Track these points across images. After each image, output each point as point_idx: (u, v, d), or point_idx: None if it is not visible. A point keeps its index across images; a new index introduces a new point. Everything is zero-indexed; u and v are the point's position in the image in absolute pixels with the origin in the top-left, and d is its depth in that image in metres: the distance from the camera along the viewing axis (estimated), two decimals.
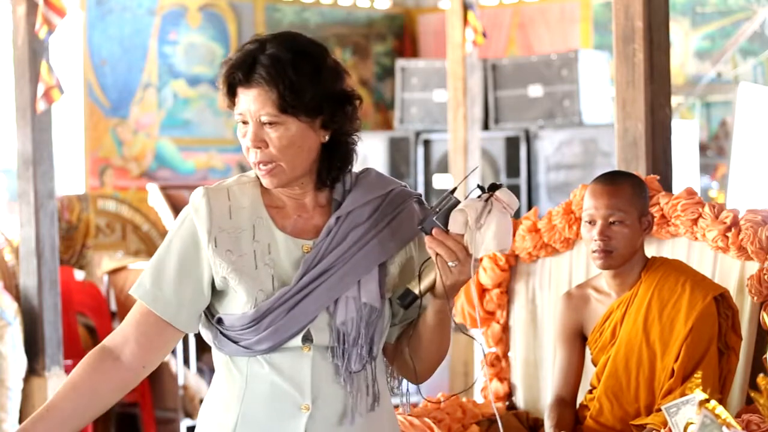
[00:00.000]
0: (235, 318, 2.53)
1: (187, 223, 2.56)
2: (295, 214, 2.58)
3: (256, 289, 2.51)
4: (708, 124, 8.87)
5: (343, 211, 2.56)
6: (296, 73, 2.48)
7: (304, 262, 2.52)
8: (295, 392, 2.53)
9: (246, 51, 2.51)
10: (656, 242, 3.83)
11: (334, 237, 2.54)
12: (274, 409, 2.54)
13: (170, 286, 2.55)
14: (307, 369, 2.54)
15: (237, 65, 2.50)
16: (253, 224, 2.55)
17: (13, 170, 5.83)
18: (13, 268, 5.96)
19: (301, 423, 2.53)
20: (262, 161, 2.51)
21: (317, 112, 2.50)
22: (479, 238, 2.46)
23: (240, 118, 2.52)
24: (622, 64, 4.15)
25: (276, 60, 2.48)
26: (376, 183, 2.62)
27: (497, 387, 4.18)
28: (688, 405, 2.59)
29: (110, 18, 9.13)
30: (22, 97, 5.49)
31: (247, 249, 2.53)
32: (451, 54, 7.59)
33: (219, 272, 2.53)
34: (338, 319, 2.52)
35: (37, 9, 5.32)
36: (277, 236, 2.55)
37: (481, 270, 4.17)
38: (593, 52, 9.07)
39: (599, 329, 3.57)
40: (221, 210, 2.55)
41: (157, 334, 2.58)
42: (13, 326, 5.48)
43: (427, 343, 2.59)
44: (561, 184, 8.64)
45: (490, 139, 8.86)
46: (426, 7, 10.66)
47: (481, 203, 2.46)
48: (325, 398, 2.55)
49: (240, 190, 2.58)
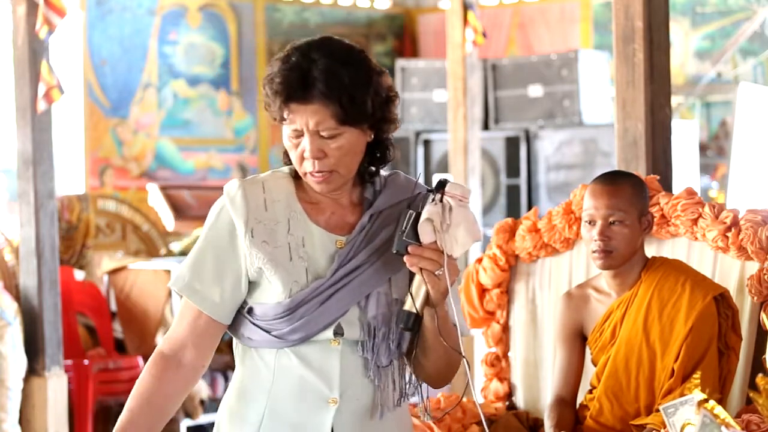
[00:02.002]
0: (268, 307, 2.56)
1: (223, 215, 2.59)
2: (329, 210, 2.62)
3: (291, 281, 2.55)
4: (708, 124, 8.87)
5: (376, 209, 2.62)
6: (351, 87, 2.51)
7: (339, 256, 2.56)
8: (323, 386, 2.56)
9: (295, 64, 2.52)
10: (656, 242, 3.83)
11: (368, 234, 2.59)
12: (302, 403, 2.57)
13: (210, 279, 2.59)
14: (335, 363, 2.57)
15: (291, 81, 2.51)
16: (288, 218, 2.59)
17: (13, 170, 5.84)
18: (13, 268, 5.96)
19: (329, 417, 2.56)
20: (320, 170, 2.55)
21: (371, 119, 2.56)
22: (451, 239, 2.50)
23: (294, 132, 2.54)
24: (622, 64, 4.15)
25: (330, 74, 2.50)
26: (405, 185, 2.68)
27: (497, 387, 4.18)
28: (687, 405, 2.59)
29: (110, 18, 9.13)
30: (22, 97, 5.49)
31: (282, 241, 2.57)
32: (451, 54, 7.59)
33: (255, 263, 2.56)
34: (369, 314, 2.57)
35: (37, 9, 5.33)
36: (312, 230, 2.59)
37: (481, 270, 4.17)
38: (593, 52, 9.07)
39: (599, 329, 3.57)
40: (257, 201, 2.59)
41: (205, 331, 2.62)
42: (13, 326, 5.48)
43: (434, 349, 2.62)
44: (561, 184, 8.64)
45: (490, 139, 8.86)
46: (426, 7, 10.66)
47: (439, 206, 2.49)
48: (353, 392, 2.58)
49: (275, 184, 2.62)
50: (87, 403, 6.45)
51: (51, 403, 5.51)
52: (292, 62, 2.53)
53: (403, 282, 2.59)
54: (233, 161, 9.72)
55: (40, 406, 5.51)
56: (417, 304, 2.54)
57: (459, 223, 2.50)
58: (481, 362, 4.23)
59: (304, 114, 2.51)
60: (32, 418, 5.53)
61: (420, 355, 2.65)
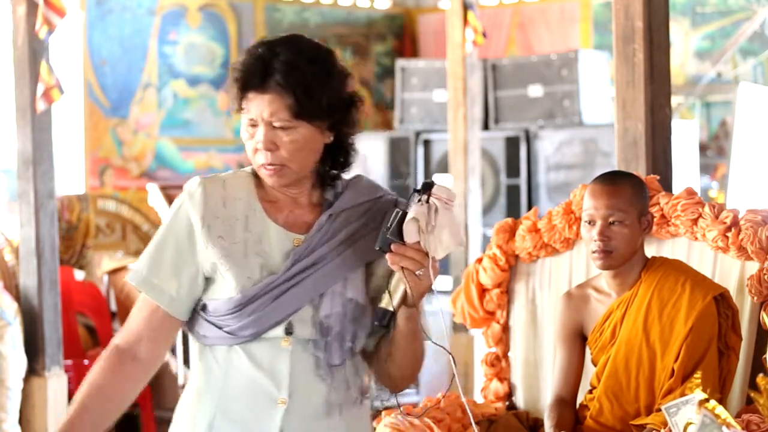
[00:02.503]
0: (220, 303, 2.57)
1: (182, 211, 2.62)
2: (288, 209, 2.64)
3: (245, 276, 2.56)
4: (708, 124, 8.87)
5: (336, 209, 2.63)
6: (310, 80, 2.53)
7: (294, 254, 2.57)
8: (273, 386, 2.57)
9: (258, 55, 2.56)
10: (656, 242, 3.83)
11: (326, 233, 2.60)
12: (252, 402, 2.58)
13: (167, 274, 2.60)
14: (285, 363, 2.57)
15: (251, 70, 2.55)
16: (247, 215, 2.61)
17: (13, 170, 5.83)
18: (13, 268, 5.96)
19: (277, 417, 2.57)
20: (272, 163, 2.56)
21: (327, 116, 2.57)
22: (435, 240, 2.51)
23: (250, 122, 2.56)
24: (622, 64, 4.15)
25: (290, 66, 2.53)
26: (368, 188, 2.69)
27: (497, 387, 4.18)
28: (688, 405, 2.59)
29: (110, 18, 9.13)
30: (22, 97, 5.49)
31: (239, 238, 2.59)
32: (451, 54, 7.59)
33: (209, 258, 2.58)
34: (323, 312, 2.58)
35: (37, 9, 5.33)
36: (270, 228, 2.61)
37: (481, 270, 4.17)
38: (593, 52, 9.07)
39: (599, 329, 3.57)
40: (216, 198, 2.61)
41: (161, 326, 2.62)
42: (13, 326, 5.48)
43: (403, 351, 2.63)
44: (561, 184, 8.64)
45: (490, 139, 8.86)
46: (426, 7, 10.66)
47: (426, 206, 2.51)
48: (303, 393, 2.58)
49: (235, 182, 2.64)
50: None
51: (51, 403, 5.51)
52: (257, 53, 2.56)
53: (359, 282, 2.60)
54: (233, 161, 9.72)
55: (40, 406, 5.51)
56: (394, 302, 2.55)
57: (444, 226, 2.52)
58: (481, 362, 4.23)
59: (260, 103, 2.54)
60: (32, 418, 5.53)
61: (385, 356, 2.65)
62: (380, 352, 2.66)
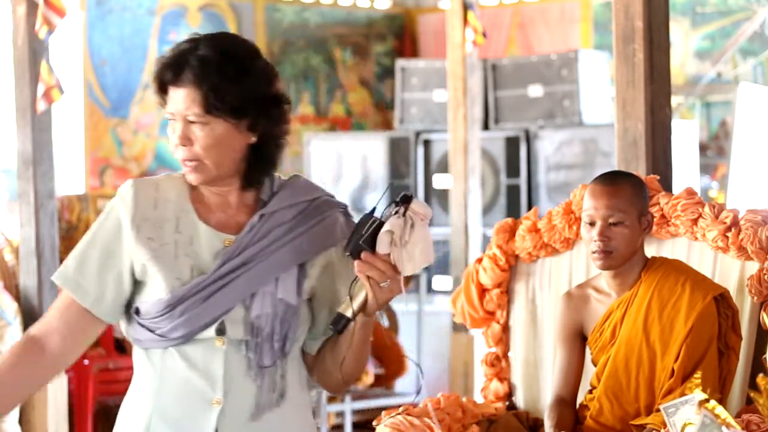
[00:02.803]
0: (151, 305, 2.58)
1: (113, 212, 2.63)
2: (219, 210, 2.64)
3: (174, 277, 2.56)
4: (708, 124, 8.87)
5: (268, 210, 2.62)
6: (221, 75, 2.53)
7: (224, 254, 2.57)
8: (207, 386, 2.57)
9: (179, 50, 2.59)
10: (656, 242, 3.83)
11: (257, 233, 2.59)
12: (187, 404, 2.58)
13: (93, 275, 2.61)
14: (219, 363, 2.57)
15: (168, 64, 2.58)
16: (178, 216, 2.61)
17: (13, 170, 5.83)
18: (13, 268, 5.96)
19: (212, 417, 2.56)
20: (188, 158, 2.57)
21: (242, 113, 2.56)
22: (406, 256, 2.50)
23: (170, 116, 2.58)
24: (622, 64, 4.15)
25: (203, 61, 2.54)
26: (304, 188, 2.68)
27: (497, 387, 4.18)
28: (687, 405, 2.59)
29: (110, 18, 9.13)
30: (22, 97, 5.49)
31: (168, 239, 2.59)
32: (451, 54, 7.59)
33: (138, 259, 2.58)
34: (253, 313, 2.57)
35: (37, 9, 5.32)
36: (200, 228, 2.61)
37: (481, 270, 4.17)
38: (593, 52, 9.06)
39: (599, 329, 3.57)
40: (147, 200, 2.61)
41: (78, 324, 2.63)
42: (13, 326, 5.48)
43: (353, 356, 2.62)
44: (561, 184, 8.64)
45: (490, 139, 8.85)
46: (426, 7, 10.66)
47: (402, 220, 2.49)
48: (237, 393, 2.58)
49: (168, 184, 2.65)
50: (87, 403, 6.45)
51: (51, 403, 5.50)
52: (179, 48, 2.59)
53: (291, 283, 2.59)
54: None
55: (40, 406, 5.50)
56: (354, 306, 2.53)
57: (417, 243, 2.50)
58: (481, 362, 4.23)
59: (176, 98, 2.56)
60: (32, 418, 5.53)
61: (330, 359, 2.65)
62: (324, 355, 2.67)
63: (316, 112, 10.27)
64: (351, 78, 10.50)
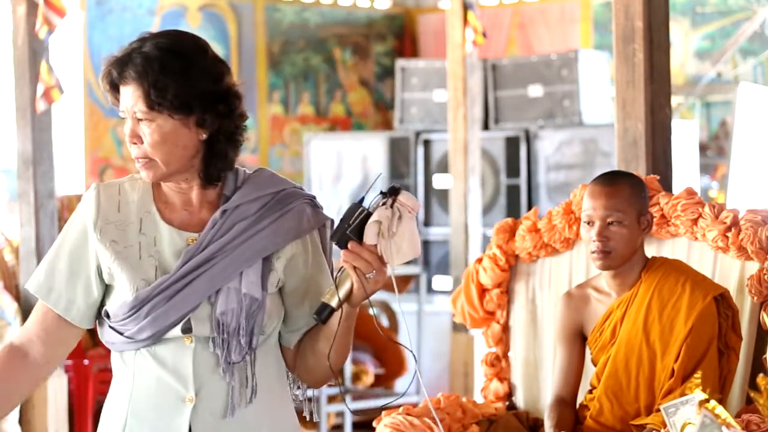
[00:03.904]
0: (117, 307, 2.57)
1: (77, 218, 2.64)
2: (182, 209, 2.63)
3: (138, 279, 2.56)
4: (708, 124, 8.87)
5: (231, 205, 2.60)
6: (162, 71, 2.52)
7: (186, 252, 2.56)
8: (179, 385, 2.57)
9: (126, 48, 2.58)
10: (656, 242, 3.83)
11: (219, 229, 2.58)
12: (160, 403, 2.58)
13: (62, 281, 2.61)
14: (189, 360, 2.57)
15: (113, 62, 2.57)
16: (141, 218, 2.61)
17: (13, 170, 5.83)
18: (13, 268, 5.96)
19: (186, 416, 2.56)
20: (139, 156, 2.59)
21: (187, 110, 2.54)
22: (394, 247, 2.49)
23: (122, 114, 2.59)
24: (622, 64, 4.15)
25: (145, 58, 2.53)
26: (268, 181, 2.66)
27: (497, 387, 4.18)
28: (687, 405, 2.59)
29: (110, 18, 9.13)
30: (22, 97, 5.49)
31: (132, 241, 2.59)
32: (451, 54, 7.59)
33: (104, 263, 2.59)
34: (218, 309, 2.56)
35: (37, 9, 5.33)
36: (162, 229, 2.60)
37: (481, 270, 4.17)
38: (593, 52, 9.06)
39: (599, 329, 3.57)
40: (110, 203, 2.62)
41: (55, 330, 2.64)
42: (13, 326, 5.48)
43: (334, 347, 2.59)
44: (561, 184, 8.64)
45: (490, 139, 8.86)
46: (426, 7, 10.66)
47: (390, 211, 2.48)
48: (208, 390, 2.57)
49: (131, 186, 2.66)
50: (87, 403, 6.45)
51: (51, 403, 5.50)
52: (127, 47, 2.58)
53: (256, 277, 2.57)
54: None
55: (40, 406, 5.50)
56: (339, 296, 2.51)
57: (404, 235, 2.49)
58: (481, 362, 4.23)
59: (125, 95, 2.56)
60: (32, 418, 5.53)
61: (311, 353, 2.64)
62: (305, 348, 2.65)
63: (316, 112, 10.27)
64: (351, 78, 10.49)
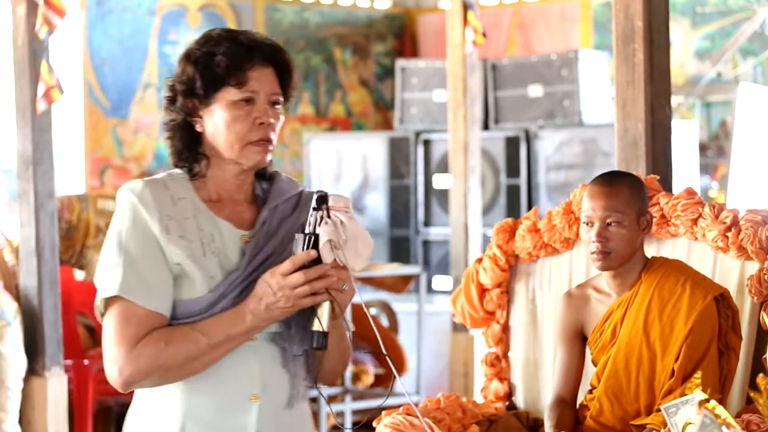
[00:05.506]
0: (188, 303, 2.57)
1: (138, 216, 2.58)
2: (229, 208, 2.66)
3: (207, 275, 2.57)
4: (708, 124, 8.87)
5: (271, 204, 2.66)
6: (290, 60, 2.67)
7: (248, 249, 2.60)
8: (243, 383, 2.58)
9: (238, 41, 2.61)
10: (656, 242, 3.83)
11: (269, 227, 2.63)
12: (222, 402, 2.58)
13: (158, 282, 2.57)
14: (254, 358, 2.59)
15: (252, 46, 2.61)
16: (195, 214, 2.62)
17: (13, 170, 5.83)
18: (13, 268, 5.96)
19: (253, 413, 2.58)
20: (270, 139, 2.63)
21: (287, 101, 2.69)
22: (351, 253, 2.55)
23: (245, 96, 2.59)
24: (622, 64, 4.15)
25: (279, 47, 2.64)
26: (288, 183, 2.75)
27: (497, 387, 4.18)
28: (688, 405, 2.59)
29: (110, 18, 9.13)
30: (22, 97, 5.49)
31: (194, 236, 2.59)
32: (451, 54, 7.59)
33: (173, 258, 2.57)
34: None
35: (37, 9, 5.32)
36: (220, 225, 2.62)
37: (481, 270, 4.17)
38: (593, 52, 9.07)
39: (599, 329, 3.57)
40: (164, 198, 2.61)
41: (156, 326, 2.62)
42: (13, 326, 5.48)
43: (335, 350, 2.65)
44: (561, 184, 8.64)
45: (490, 139, 8.86)
46: (426, 7, 10.66)
47: (331, 223, 2.52)
48: (273, 386, 2.60)
49: (174, 184, 2.65)
50: (87, 403, 6.45)
51: (51, 403, 5.50)
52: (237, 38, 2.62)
53: None
54: None
55: (40, 406, 5.50)
56: (324, 322, 2.55)
57: (355, 236, 2.54)
58: (481, 362, 4.23)
59: (263, 79, 2.61)
60: (32, 418, 5.53)
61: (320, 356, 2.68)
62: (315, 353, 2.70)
63: (316, 112, 10.27)
64: (351, 78, 10.49)
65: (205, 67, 2.60)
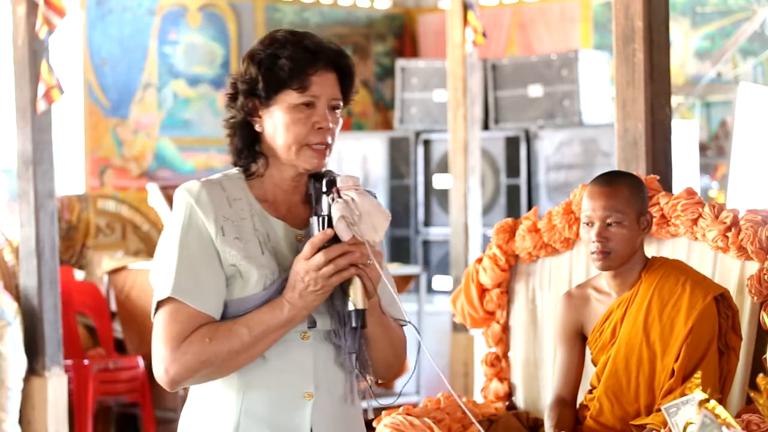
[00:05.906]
0: (245, 302, 2.57)
1: (194, 217, 2.59)
2: (284, 207, 2.67)
3: (265, 274, 2.58)
4: (708, 124, 8.87)
5: None
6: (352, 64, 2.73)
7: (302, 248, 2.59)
8: (298, 380, 2.59)
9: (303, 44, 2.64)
10: (656, 242, 3.83)
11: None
12: (277, 400, 2.58)
13: (210, 285, 2.57)
14: (308, 355, 2.60)
15: (317, 51, 2.64)
16: (251, 214, 2.62)
17: (13, 170, 5.84)
18: (13, 268, 5.97)
19: (307, 411, 2.58)
20: (328, 143, 2.63)
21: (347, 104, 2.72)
22: (368, 226, 2.57)
23: (306, 100, 2.60)
24: (622, 64, 4.15)
25: (343, 52, 2.70)
26: (344, 181, 2.72)
27: (497, 387, 4.18)
28: (688, 405, 2.59)
29: (110, 18, 9.13)
30: (22, 97, 5.49)
31: (250, 236, 2.60)
32: (451, 54, 7.59)
33: (228, 260, 2.57)
34: (336, 302, 2.60)
35: (37, 9, 5.33)
36: (275, 225, 2.63)
37: (481, 270, 4.17)
38: (593, 52, 9.07)
39: (599, 329, 3.57)
40: (220, 200, 2.61)
41: None
42: (13, 326, 5.48)
43: (380, 338, 2.66)
44: (561, 184, 8.64)
45: (490, 139, 8.86)
46: (426, 7, 10.66)
47: (341, 201, 2.55)
48: (328, 383, 2.61)
49: (230, 184, 2.66)
50: (87, 403, 6.46)
51: (51, 403, 5.51)
52: (300, 42, 2.64)
53: None
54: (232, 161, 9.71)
55: (40, 406, 5.51)
56: (358, 299, 2.57)
57: (369, 210, 2.57)
58: (481, 362, 4.23)
59: (325, 84, 2.63)
60: (32, 418, 5.53)
61: (366, 349, 2.68)
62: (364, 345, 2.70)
63: None
64: None
65: (268, 69, 2.60)
